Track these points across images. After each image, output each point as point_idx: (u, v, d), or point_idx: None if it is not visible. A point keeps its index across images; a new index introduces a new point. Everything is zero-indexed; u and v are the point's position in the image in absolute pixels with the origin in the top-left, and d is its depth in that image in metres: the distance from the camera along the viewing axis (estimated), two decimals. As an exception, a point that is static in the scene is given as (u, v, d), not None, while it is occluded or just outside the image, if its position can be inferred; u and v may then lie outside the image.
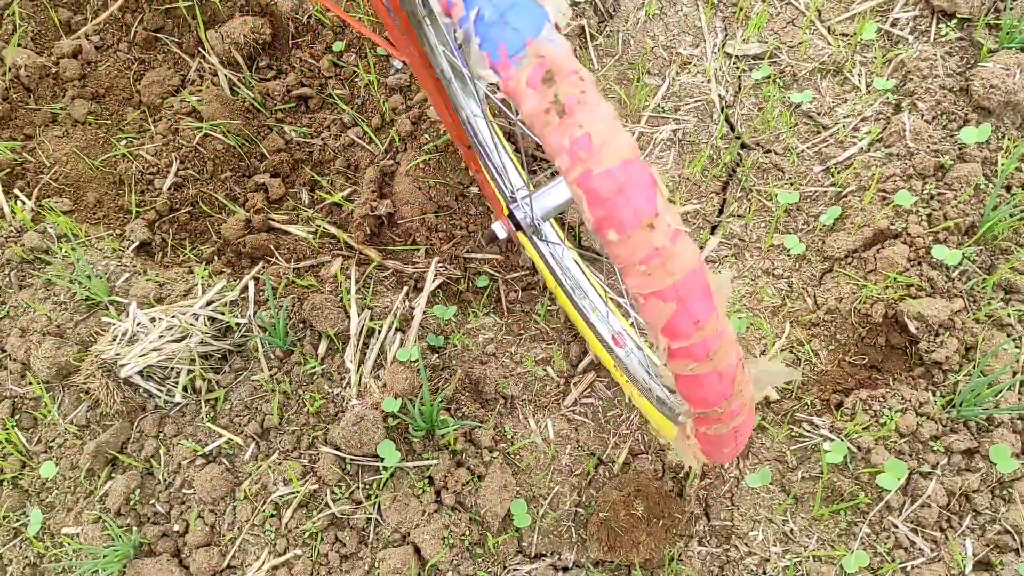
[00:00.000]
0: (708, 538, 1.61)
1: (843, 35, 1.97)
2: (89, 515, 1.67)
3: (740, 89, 1.98)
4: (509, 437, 1.69)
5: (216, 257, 1.91)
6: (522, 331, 1.82)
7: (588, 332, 1.70)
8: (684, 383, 0.90)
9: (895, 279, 1.67)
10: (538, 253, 1.75)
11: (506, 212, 1.42)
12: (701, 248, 1.84)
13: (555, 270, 1.72)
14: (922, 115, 1.81)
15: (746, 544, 1.59)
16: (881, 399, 1.61)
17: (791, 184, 1.86)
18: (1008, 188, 1.73)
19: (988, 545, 1.50)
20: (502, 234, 1.45)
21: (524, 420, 1.72)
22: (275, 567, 1.58)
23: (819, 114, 1.91)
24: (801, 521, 1.59)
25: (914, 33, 1.93)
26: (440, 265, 1.87)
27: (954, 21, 1.91)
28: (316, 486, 1.62)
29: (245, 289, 1.81)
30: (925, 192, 1.74)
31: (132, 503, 1.66)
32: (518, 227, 1.42)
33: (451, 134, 1.25)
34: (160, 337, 1.67)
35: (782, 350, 1.72)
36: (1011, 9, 1.86)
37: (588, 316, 1.68)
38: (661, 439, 1.69)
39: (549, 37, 0.76)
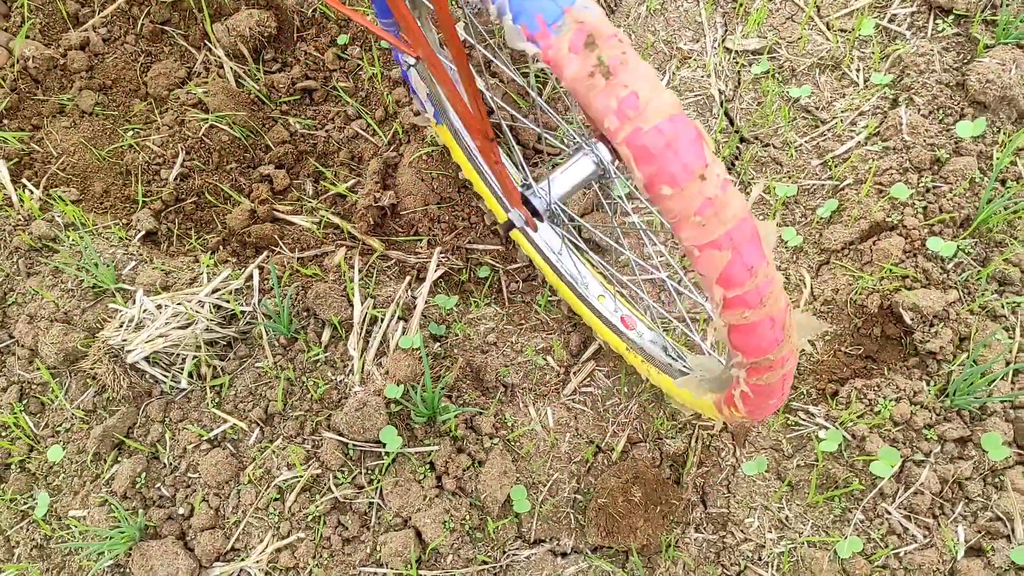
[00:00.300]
0: (705, 525, 1.64)
1: (841, 31, 1.99)
2: (95, 498, 1.70)
3: (739, 84, 2.01)
4: (509, 424, 1.72)
5: (221, 246, 1.94)
6: (523, 321, 1.84)
7: (595, 320, 1.72)
8: (738, 333, 0.92)
9: (891, 271, 1.70)
10: (536, 249, 1.77)
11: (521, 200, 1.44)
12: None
13: (553, 262, 1.75)
14: (919, 109, 1.84)
15: (742, 531, 1.62)
16: (876, 388, 1.63)
17: (789, 177, 1.88)
18: (1003, 181, 1.76)
19: (980, 532, 1.52)
20: (519, 222, 1.47)
21: (524, 408, 1.75)
22: (278, 550, 1.61)
23: (817, 108, 1.93)
24: (796, 508, 1.61)
25: (911, 29, 1.95)
26: (442, 255, 1.90)
27: (951, 17, 1.93)
28: (319, 471, 1.65)
29: (250, 278, 1.84)
30: (921, 185, 1.76)
31: (138, 486, 1.69)
32: (535, 214, 1.45)
33: (471, 127, 1.26)
34: (166, 324, 1.70)
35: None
36: (1008, 5, 1.88)
37: (593, 304, 1.70)
38: (686, 411, 1.71)
39: (585, 4, 0.79)
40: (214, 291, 1.78)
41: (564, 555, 1.64)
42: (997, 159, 1.76)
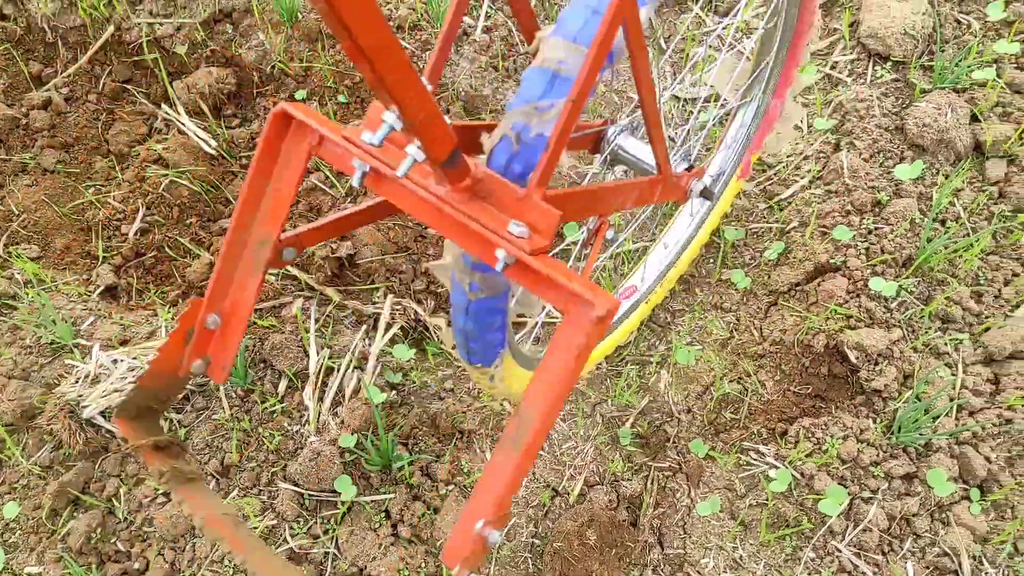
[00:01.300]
0: (662, 566, 1.65)
1: (785, 78, 2.05)
2: (51, 554, 1.69)
3: (688, 131, 2.06)
4: (466, 470, 1.73)
5: (180, 300, 1.96)
6: (479, 367, 1.86)
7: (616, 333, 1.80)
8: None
9: (835, 311, 1.73)
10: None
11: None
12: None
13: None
14: (860, 153, 1.89)
15: (698, 571, 1.63)
16: (823, 427, 1.66)
17: (738, 220, 1.93)
18: (942, 222, 1.80)
19: (928, 567, 1.54)
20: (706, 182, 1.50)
21: (481, 454, 1.76)
22: (234, 603, 1.60)
23: (764, 154, 1.98)
24: (749, 547, 1.63)
25: (852, 75, 2.02)
26: (396, 305, 1.92)
27: (889, 63, 1.99)
28: (275, 521, 1.65)
29: (208, 330, 1.85)
30: (863, 227, 1.81)
31: (93, 542, 1.68)
32: (708, 192, 1.49)
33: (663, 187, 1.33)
34: (122, 378, 1.71)
35: (730, 381, 1.77)
36: (943, 51, 1.95)
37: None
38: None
39: None
40: (171, 344, 1.79)
41: (521, 601, 1.64)
42: (936, 200, 1.80)
